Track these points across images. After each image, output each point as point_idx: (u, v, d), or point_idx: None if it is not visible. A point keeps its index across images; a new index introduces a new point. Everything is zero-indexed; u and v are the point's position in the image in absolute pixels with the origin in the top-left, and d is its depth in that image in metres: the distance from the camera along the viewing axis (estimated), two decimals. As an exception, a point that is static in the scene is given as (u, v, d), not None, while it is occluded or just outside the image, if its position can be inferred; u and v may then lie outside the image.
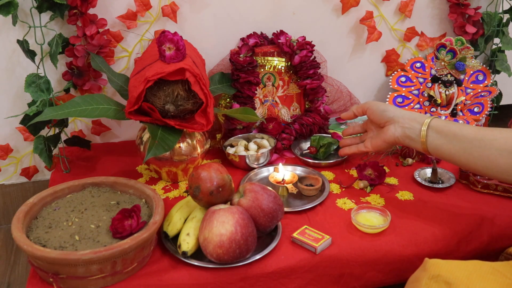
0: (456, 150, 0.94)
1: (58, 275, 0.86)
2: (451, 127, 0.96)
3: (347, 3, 1.40)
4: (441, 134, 0.96)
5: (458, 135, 0.94)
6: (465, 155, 0.93)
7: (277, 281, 0.94)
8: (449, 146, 0.95)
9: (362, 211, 1.06)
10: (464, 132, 0.93)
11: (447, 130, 0.95)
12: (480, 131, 0.93)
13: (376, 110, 1.08)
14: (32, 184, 1.44)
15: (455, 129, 0.95)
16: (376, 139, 1.09)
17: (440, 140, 0.96)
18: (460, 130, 0.94)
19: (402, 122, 1.02)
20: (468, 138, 0.92)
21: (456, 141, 0.94)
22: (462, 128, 0.95)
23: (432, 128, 0.97)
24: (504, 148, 0.88)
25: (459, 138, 0.93)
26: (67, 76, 1.29)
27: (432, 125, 0.97)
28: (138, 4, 1.29)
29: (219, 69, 1.38)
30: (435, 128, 0.97)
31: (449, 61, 1.35)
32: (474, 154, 0.92)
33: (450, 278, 0.78)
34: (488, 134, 0.91)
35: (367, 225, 1.01)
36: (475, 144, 0.91)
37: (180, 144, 1.18)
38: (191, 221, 0.98)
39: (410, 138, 1.00)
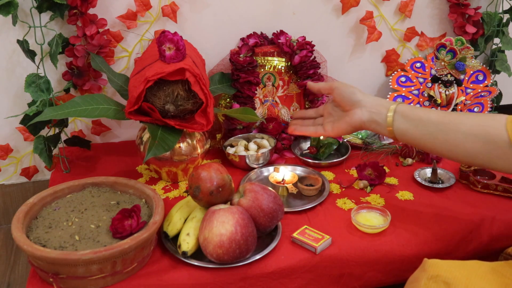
0: (422, 134, 0.93)
1: (58, 275, 0.86)
2: (417, 111, 0.95)
3: (347, 3, 1.40)
4: (407, 119, 0.95)
5: (423, 119, 0.93)
6: (430, 139, 0.93)
7: (277, 281, 0.94)
8: (415, 130, 0.94)
9: (362, 211, 1.06)
10: (430, 116, 0.93)
11: (413, 115, 0.95)
12: (446, 115, 0.93)
13: (345, 91, 1.04)
14: (32, 184, 1.44)
15: (421, 113, 0.94)
16: (340, 122, 1.05)
17: (406, 124, 0.95)
18: (425, 115, 0.93)
19: (370, 106, 1.00)
20: (433, 122, 0.92)
21: (422, 125, 0.93)
22: (428, 112, 0.94)
23: (398, 113, 0.96)
24: (469, 132, 0.88)
25: (425, 123, 0.93)
26: (67, 76, 1.29)
27: (398, 110, 0.96)
28: (138, 4, 1.29)
29: (219, 69, 1.38)
30: (401, 112, 0.96)
31: (449, 61, 1.35)
32: (440, 138, 0.91)
33: (449, 278, 0.78)
34: (454, 119, 0.91)
35: (367, 225, 1.01)
36: (440, 128, 0.91)
37: (180, 144, 1.18)
38: (191, 221, 0.98)
39: (377, 122, 0.99)
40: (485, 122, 0.88)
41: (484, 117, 0.90)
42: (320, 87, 1.11)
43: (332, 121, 1.07)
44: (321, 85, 1.12)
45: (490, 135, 0.86)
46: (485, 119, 0.89)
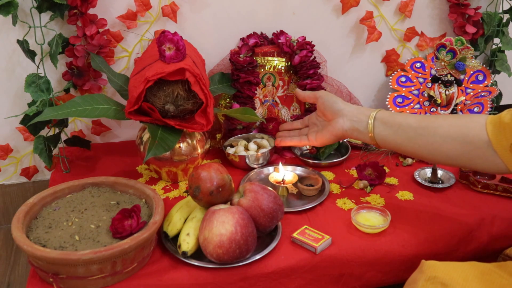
0: (402, 139, 0.96)
1: (58, 275, 0.86)
2: (396, 117, 0.98)
3: (347, 3, 1.40)
4: (387, 125, 0.98)
5: (403, 125, 0.96)
6: (410, 144, 0.95)
7: (277, 281, 0.94)
8: (395, 136, 0.97)
9: (362, 211, 1.06)
10: (408, 121, 0.95)
11: (392, 121, 0.97)
12: (424, 119, 0.95)
13: (327, 101, 1.09)
14: (32, 184, 1.44)
15: (400, 119, 0.97)
16: (323, 132, 1.10)
17: (386, 131, 0.98)
18: (404, 120, 0.96)
19: (351, 115, 1.04)
20: (412, 127, 0.94)
21: (401, 131, 0.96)
22: (406, 117, 0.97)
23: (378, 120, 0.99)
24: (447, 134, 0.90)
25: (404, 128, 0.95)
26: (67, 76, 1.29)
27: (378, 117, 0.99)
28: (138, 4, 1.29)
29: (219, 69, 1.38)
30: (380, 119, 0.99)
31: (449, 61, 1.35)
32: (419, 142, 0.94)
33: (447, 279, 0.78)
34: (432, 122, 0.93)
35: (367, 225, 1.01)
36: (419, 132, 0.93)
37: (180, 144, 1.18)
38: (191, 221, 0.98)
39: (358, 130, 1.02)
40: (462, 124, 0.90)
41: (462, 118, 0.92)
42: (306, 95, 1.17)
43: (316, 131, 1.13)
44: (306, 94, 1.17)
45: (468, 137, 0.88)
46: (462, 121, 0.91)
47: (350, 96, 1.49)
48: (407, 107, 1.45)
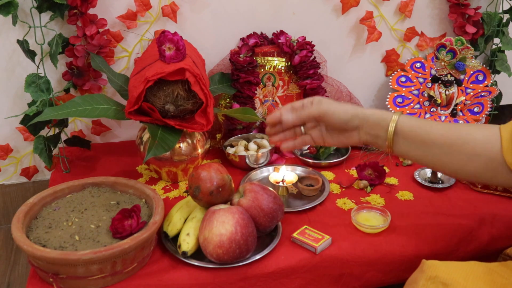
0: (424, 155, 0.90)
1: (58, 275, 0.86)
2: (418, 132, 0.89)
3: (347, 3, 1.40)
4: (408, 140, 0.89)
5: (426, 141, 0.88)
6: (433, 160, 0.90)
7: (277, 281, 0.94)
8: (417, 152, 0.90)
9: (362, 211, 1.06)
10: (432, 137, 0.88)
11: (414, 136, 0.89)
12: (449, 135, 0.88)
13: (337, 119, 0.92)
14: (32, 184, 1.44)
15: (423, 134, 0.89)
16: (334, 139, 0.95)
17: (407, 146, 0.90)
18: (428, 135, 0.88)
19: (367, 128, 0.91)
20: (437, 144, 0.88)
21: (425, 147, 0.89)
22: (430, 132, 0.89)
23: (399, 135, 0.89)
24: (473, 153, 0.86)
25: (428, 144, 0.88)
26: (67, 76, 1.29)
27: (399, 131, 0.89)
28: (138, 4, 1.29)
29: (219, 69, 1.38)
30: (401, 134, 0.89)
31: (449, 61, 1.35)
32: (444, 159, 0.88)
33: (447, 279, 0.78)
34: (457, 139, 0.87)
35: (367, 225, 1.01)
36: (444, 150, 0.87)
37: (180, 144, 1.18)
38: (191, 221, 0.98)
39: (377, 144, 0.93)
40: (488, 139, 0.85)
41: (487, 130, 0.87)
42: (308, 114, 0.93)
43: (323, 134, 0.96)
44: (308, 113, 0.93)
45: (492, 153, 0.84)
46: (487, 134, 0.86)
47: (350, 96, 1.49)
48: (407, 107, 1.45)
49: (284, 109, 0.95)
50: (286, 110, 0.95)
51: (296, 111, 0.95)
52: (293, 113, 0.94)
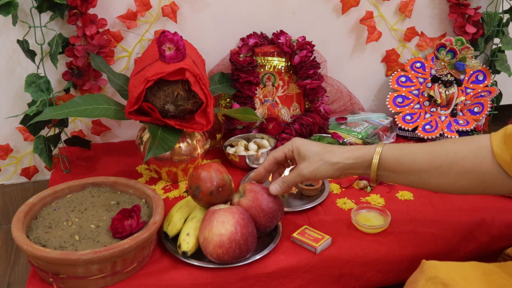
0: (412, 182, 0.89)
1: (58, 275, 0.86)
2: (404, 163, 0.87)
3: (347, 3, 1.40)
4: (394, 172, 0.89)
5: (412, 170, 0.87)
6: (422, 184, 0.89)
7: (277, 281, 0.94)
8: (404, 180, 0.90)
9: (362, 211, 1.06)
10: (418, 165, 0.87)
11: (401, 168, 0.88)
12: (435, 158, 0.86)
13: (325, 178, 0.93)
14: (32, 184, 1.44)
15: (408, 163, 0.87)
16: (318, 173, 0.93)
17: (394, 177, 0.90)
18: (413, 164, 0.87)
19: (352, 172, 0.92)
20: (424, 169, 0.86)
21: (412, 175, 0.88)
22: (415, 160, 0.87)
23: (384, 169, 0.89)
24: (462, 170, 0.84)
25: (414, 172, 0.87)
26: (67, 76, 1.29)
27: (383, 167, 0.88)
28: (138, 4, 1.29)
29: (219, 69, 1.38)
30: (387, 168, 0.89)
31: (449, 61, 1.35)
32: (433, 182, 0.87)
33: (447, 279, 0.78)
34: (444, 159, 0.86)
35: (367, 225, 1.01)
36: (432, 173, 0.86)
37: (180, 144, 1.18)
38: (191, 221, 0.98)
39: (363, 176, 0.94)
40: (475, 154, 0.84)
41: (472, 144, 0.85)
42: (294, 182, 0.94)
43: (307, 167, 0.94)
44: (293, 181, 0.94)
45: (482, 167, 0.83)
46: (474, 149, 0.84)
47: (350, 96, 1.49)
48: (407, 107, 1.45)
49: (268, 164, 0.97)
50: (269, 165, 0.97)
51: (278, 165, 0.98)
52: (280, 184, 0.95)
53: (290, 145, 0.95)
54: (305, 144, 0.93)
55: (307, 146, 0.93)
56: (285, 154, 0.95)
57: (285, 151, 0.95)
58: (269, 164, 0.97)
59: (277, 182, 0.95)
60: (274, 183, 0.96)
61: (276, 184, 0.95)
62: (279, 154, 0.96)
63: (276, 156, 0.96)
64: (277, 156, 0.96)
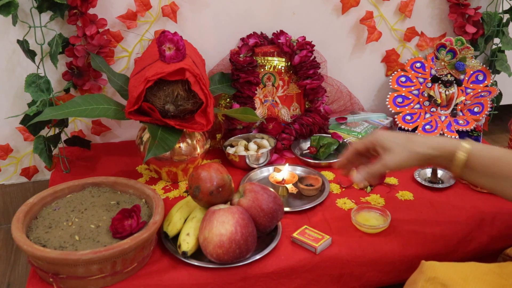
0: (495, 186, 0.87)
1: (58, 275, 0.86)
2: (489, 166, 0.86)
3: (347, 3, 1.40)
4: (478, 173, 0.87)
5: (498, 174, 0.85)
6: (504, 191, 0.86)
7: (277, 281, 0.94)
8: (487, 183, 0.88)
9: (362, 211, 1.06)
10: (505, 172, 0.85)
11: (485, 169, 0.86)
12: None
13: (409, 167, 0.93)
14: (32, 184, 1.44)
15: (494, 169, 0.85)
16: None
17: (476, 177, 0.88)
18: (500, 170, 0.85)
19: (435, 162, 0.91)
20: (509, 178, 0.84)
21: (496, 179, 0.86)
22: (502, 167, 0.85)
23: (468, 166, 0.87)
24: None
25: (499, 176, 0.85)
26: (67, 76, 1.29)
27: (467, 164, 0.87)
28: (138, 4, 1.29)
29: (219, 69, 1.38)
30: (471, 165, 0.87)
31: (449, 61, 1.35)
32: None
33: (446, 280, 0.78)
34: None
35: (367, 225, 1.01)
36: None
37: (180, 144, 1.18)
38: (191, 221, 0.98)
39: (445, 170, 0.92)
40: None
41: None
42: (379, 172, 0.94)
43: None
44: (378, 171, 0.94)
45: None
46: None
47: (350, 96, 1.49)
48: (407, 107, 1.45)
49: (350, 154, 0.98)
50: (352, 156, 0.98)
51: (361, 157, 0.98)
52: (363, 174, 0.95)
53: (371, 136, 0.95)
54: (388, 135, 0.94)
55: (390, 137, 0.93)
56: (365, 145, 0.96)
57: (365, 143, 0.96)
58: (352, 155, 0.98)
59: (361, 172, 0.95)
60: (358, 173, 0.95)
61: (360, 174, 0.95)
62: (360, 146, 0.97)
63: (357, 147, 0.97)
64: (358, 147, 0.97)
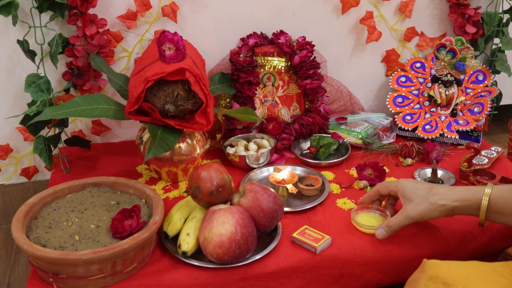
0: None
1: (58, 275, 0.86)
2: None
3: (347, 3, 1.40)
4: (503, 214, 0.89)
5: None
6: None
7: (277, 281, 0.94)
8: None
9: (361, 212, 1.06)
10: None
11: (510, 210, 0.88)
12: None
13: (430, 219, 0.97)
14: (32, 184, 1.45)
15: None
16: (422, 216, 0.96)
17: (503, 218, 0.90)
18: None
19: (458, 212, 0.93)
20: None
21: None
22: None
23: (493, 210, 0.89)
24: None
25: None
26: (67, 76, 1.29)
27: (492, 208, 0.89)
28: (138, 4, 1.29)
29: (219, 69, 1.38)
30: (495, 209, 0.89)
31: (449, 61, 1.35)
32: None
33: (448, 279, 0.78)
34: None
35: (366, 226, 1.01)
36: None
37: (180, 144, 1.18)
38: (191, 221, 0.98)
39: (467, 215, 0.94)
40: None
41: None
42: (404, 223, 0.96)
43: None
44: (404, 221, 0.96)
45: None
46: None
47: (350, 96, 1.49)
48: (407, 107, 1.45)
49: (373, 195, 1.05)
50: (374, 196, 1.05)
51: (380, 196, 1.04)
52: (386, 230, 0.98)
53: (396, 184, 1.00)
54: (411, 185, 0.97)
55: (413, 188, 0.96)
56: (388, 191, 1.02)
57: (389, 189, 1.01)
58: (374, 195, 1.05)
59: (382, 227, 0.98)
60: (380, 227, 0.98)
61: (381, 229, 0.98)
62: (384, 190, 1.03)
63: (381, 190, 1.03)
64: (382, 190, 1.03)
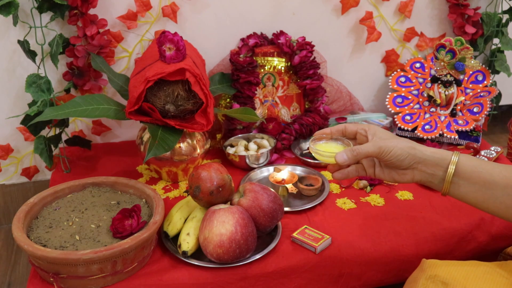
0: (485, 198, 0.83)
1: (59, 275, 0.86)
2: (480, 172, 0.82)
3: (347, 3, 1.41)
4: (469, 182, 0.83)
5: (488, 182, 0.82)
6: (495, 203, 0.82)
7: (277, 281, 0.95)
8: (476, 194, 0.83)
9: (321, 141, 0.92)
10: (495, 178, 0.81)
11: (476, 177, 0.83)
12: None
13: (393, 157, 0.85)
14: (33, 184, 1.45)
15: (485, 175, 0.82)
16: (385, 174, 0.89)
17: (466, 188, 0.84)
18: (490, 176, 0.82)
19: (424, 168, 0.85)
20: (500, 185, 0.81)
21: (486, 189, 0.82)
22: (492, 173, 0.82)
23: (459, 175, 0.83)
24: None
25: (489, 186, 0.81)
26: (67, 76, 1.29)
27: (459, 172, 0.83)
28: (138, 4, 1.30)
29: (219, 69, 1.39)
30: (462, 174, 0.83)
31: (449, 61, 1.35)
32: (507, 202, 0.81)
33: (447, 278, 0.78)
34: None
35: (327, 152, 0.89)
36: (508, 191, 0.80)
37: (180, 144, 1.18)
38: (191, 221, 0.98)
39: (432, 183, 0.87)
40: None
41: None
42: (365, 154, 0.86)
43: (373, 167, 0.91)
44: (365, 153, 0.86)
45: None
46: None
47: (350, 96, 1.49)
48: (406, 107, 1.45)
49: (336, 129, 0.92)
50: (336, 131, 0.92)
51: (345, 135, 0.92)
52: (348, 154, 0.87)
53: (367, 125, 0.90)
54: (386, 130, 0.89)
55: (387, 131, 0.89)
56: (357, 130, 0.90)
57: (358, 127, 0.90)
58: (336, 130, 0.92)
59: (345, 151, 0.86)
60: (342, 152, 0.87)
61: (344, 153, 0.86)
62: (351, 127, 0.91)
63: (349, 126, 0.92)
64: (350, 127, 0.91)
